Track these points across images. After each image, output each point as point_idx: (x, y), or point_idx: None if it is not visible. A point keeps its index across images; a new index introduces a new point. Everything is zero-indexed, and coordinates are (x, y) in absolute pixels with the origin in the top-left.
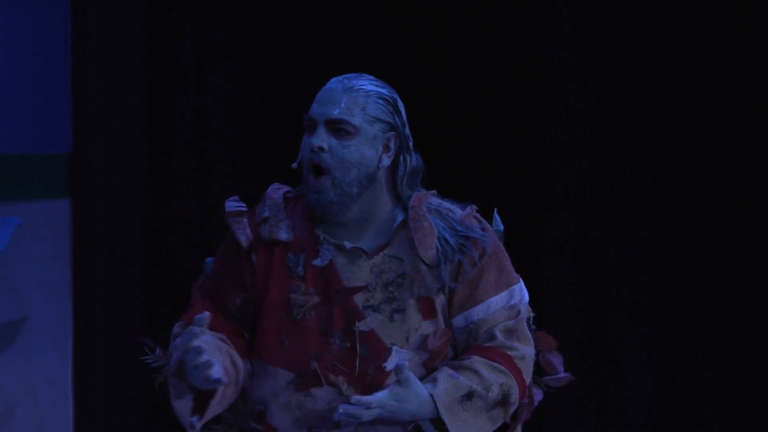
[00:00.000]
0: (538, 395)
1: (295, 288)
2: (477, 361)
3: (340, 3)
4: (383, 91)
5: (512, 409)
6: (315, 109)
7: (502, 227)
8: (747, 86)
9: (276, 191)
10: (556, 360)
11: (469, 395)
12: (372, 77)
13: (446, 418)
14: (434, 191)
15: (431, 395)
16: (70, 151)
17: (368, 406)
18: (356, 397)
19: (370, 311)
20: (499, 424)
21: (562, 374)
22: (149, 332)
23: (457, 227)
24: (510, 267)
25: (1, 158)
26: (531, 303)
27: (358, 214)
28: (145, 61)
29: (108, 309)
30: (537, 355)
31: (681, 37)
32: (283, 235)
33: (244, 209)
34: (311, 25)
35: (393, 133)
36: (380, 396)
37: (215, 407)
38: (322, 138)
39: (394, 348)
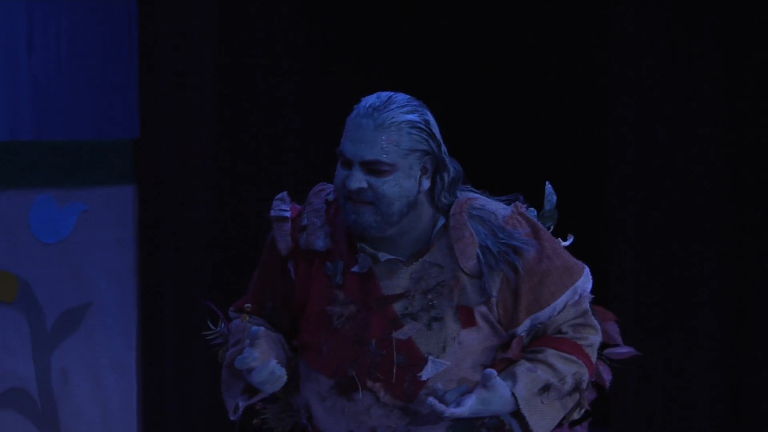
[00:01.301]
0: (606, 374)
1: (334, 297)
2: (551, 355)
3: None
4: (414, 117)
5: (585, 394)
6: (348, 148)
7: (555, 198)
8: None
9: (317, 195)
10: (614, 331)
11: (546, 388)
12: (400, 100)
13: (526, 413)
14: (477, 195)
15: (513, 393)
16: (134, 137)
17: (461, 413)
18: (451, 411)
19: (409, 319)
20: (570, 408)
21: (625, 348)
22: (216, 317)
23: (499, 234)
24: (570, 261)
25: (66, 144)
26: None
27: (397, 231)
28: (214, 44)
29: (175, 294)
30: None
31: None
32: (320, 244)
33: (287, 215)
34: (380, 20)
35: (428, 156)
36: (471, 403)
37: (262, 394)
38: (359, 179)
39: (431, 358)
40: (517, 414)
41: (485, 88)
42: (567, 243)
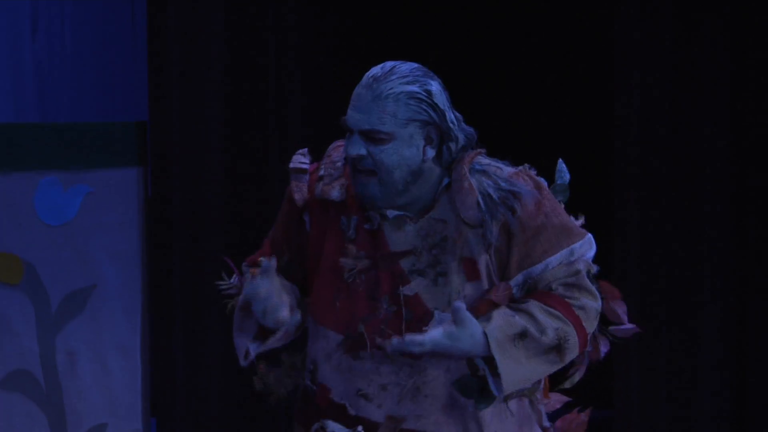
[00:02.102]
0: (604, 346)
1: (347, 251)
2: (533, 305)
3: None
4: (413, 88)
5: (569, 355)
6: (349, 117)
7: (568, 176)
8: None
9: (336, 149)
10: (620, 309)
11: (522, 335)
12: (402, 70)
13: (497, 355)
14: (482, 150)
15: (484, 333)
16: (139, 119)
17: (421, 345)
18: (410, 336)
19: (416, 275)
20: (555, 368)
21: (628, 325)
22: (226, 297)
23: (502, 184)
24: (570, 223)
25: (70, 127)
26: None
27: (407, 199)
28: (222, 27)
29: (185, 276)
30: (602, 306)
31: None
32: (335, 194)
33: (306, 166)
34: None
35: (431, 126)
36: (434, 335)
37: (275, 341)
38: (358, 146)
39: (436, 312)
40: (490, 359)
41: (490, 86)
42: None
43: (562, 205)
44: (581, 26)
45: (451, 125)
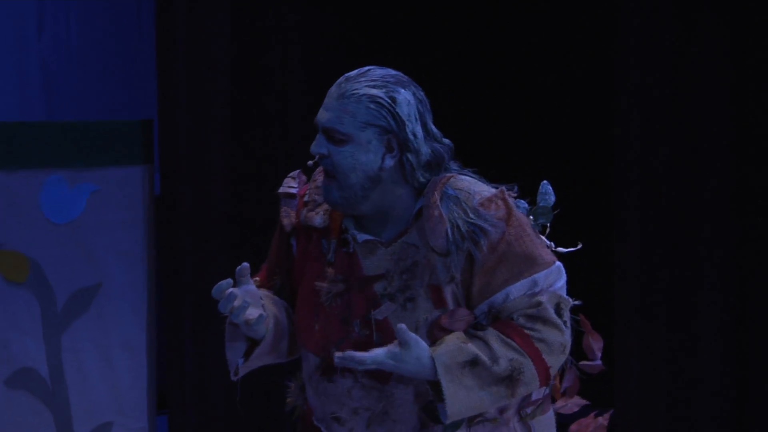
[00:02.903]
0: (567, 381)
1: (325, 274)
2: (491, 333)
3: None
4: (377, 93)
5: (523, 388)
6: (319, 112)
7: (552, 198)
8: None
9: (321, 173)
10: (596, 345)
11: (473, 362)
12: (374, 74)
13: (443, 380)
14: (453, 174)
15: (432, 357)
16: (144, 117)
17: (362, 362)
18: (350, 353)
19: (386, 299)
20: (506, 400)
21: (596, 362)
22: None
23: (470, 215)
24: (536, 252)
25: (76, 125)
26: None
27: (372, 210)
28: (229, 27)
29: (192, 275)
30: (579, 339)
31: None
32: (318, 221)
33: (294, 191)
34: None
35: (391, 135)
36: (376, 354)
37: (262, 355)
38: (320, 144)
39: (400, 325)
40: (436, 385)
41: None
42: (572, 250)
43: (540, 229)
44: (582, 27)
45: (410, 136)
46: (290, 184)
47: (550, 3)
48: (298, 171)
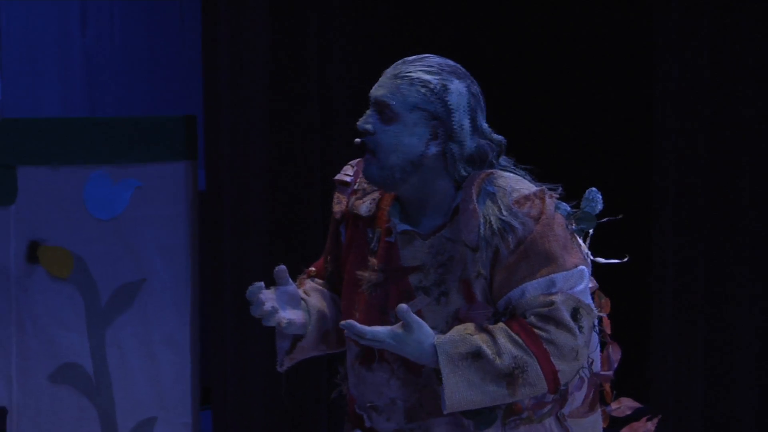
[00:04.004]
0: (615, 353)
1: (368, 264)
2: (499, 328)
3: None
4: (431, 78)
5: (525, 388)
6: (373, 88)
7: (600, 207)
8: None
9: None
10: (615, 355)
11: (476, 354)
12: (431, 61)
13: (443, 369)
14: (494, 171)
15: (435, 344)
16: (188, 113)
17: (361, 335)
18: (351, 322)
19: (421, 292)
20: (507, 399)
21: (607, 372)
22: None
23: (503, 212)
24: (558, 253)
25: (120, 121)
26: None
27: (412, 195)
28: (269, 24)
29: (235, 270)
30: (601, 348)
31: None
32: (364, 209)
33: (349, 179)
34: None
35: (438, 122)
36: (378, 331)
37: (305, 349)
38: (368, 120)
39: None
40: (439, 371)
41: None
42: (613, 261)
43: (582, 235)
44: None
45: (456, 127)
46: (347, 172)
47: (590, 8)
48: (358, 159)
